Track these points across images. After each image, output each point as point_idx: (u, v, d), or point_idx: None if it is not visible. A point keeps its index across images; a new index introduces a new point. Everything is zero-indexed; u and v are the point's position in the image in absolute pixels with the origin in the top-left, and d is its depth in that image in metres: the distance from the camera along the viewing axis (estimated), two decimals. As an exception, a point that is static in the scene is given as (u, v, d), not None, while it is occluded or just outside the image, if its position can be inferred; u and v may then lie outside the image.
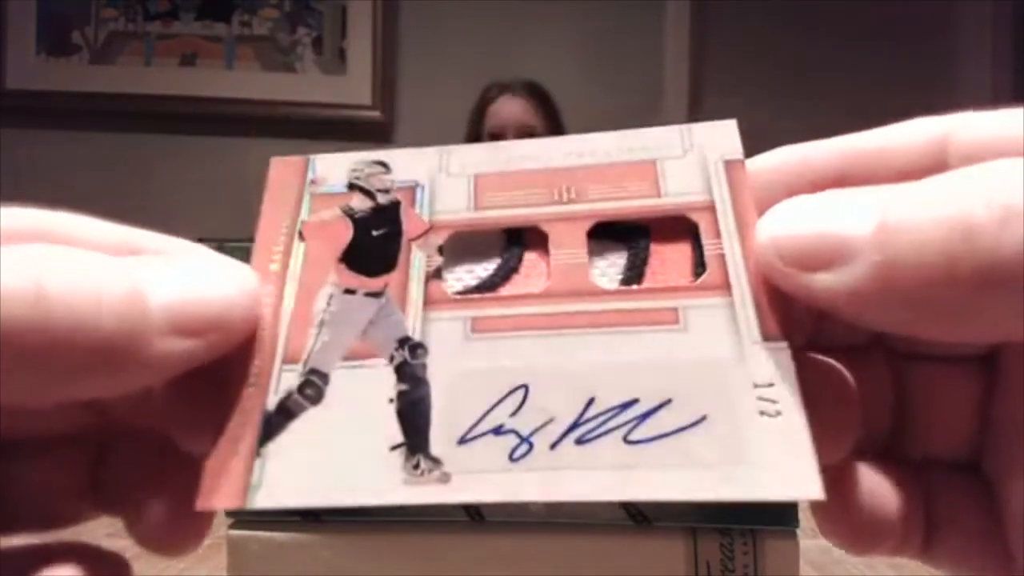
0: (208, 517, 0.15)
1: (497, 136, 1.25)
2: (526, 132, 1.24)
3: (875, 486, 0.16)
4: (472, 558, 0.15)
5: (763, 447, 0.13)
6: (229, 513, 0.16)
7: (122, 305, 0.12)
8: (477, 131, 1.28)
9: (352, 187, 0.18)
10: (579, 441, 0.14)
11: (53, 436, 0.16)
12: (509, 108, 1.27)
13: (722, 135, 0.17)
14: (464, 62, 1.60)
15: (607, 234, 0.17)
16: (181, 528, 0.15)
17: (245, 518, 0.15)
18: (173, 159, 1.57)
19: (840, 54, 1.64)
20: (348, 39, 1.62)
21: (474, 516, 0.15)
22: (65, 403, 0.13)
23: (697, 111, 1.63)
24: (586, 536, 0.15)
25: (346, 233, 0.17)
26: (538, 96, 1.29)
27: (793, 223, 0.14)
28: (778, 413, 0.14)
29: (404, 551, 0.15)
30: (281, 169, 0.18)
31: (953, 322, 0.12)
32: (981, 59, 1.68)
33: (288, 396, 0.15)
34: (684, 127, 0.18)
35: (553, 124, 1.28)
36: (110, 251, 0.14)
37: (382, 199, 0.18)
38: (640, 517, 0.15)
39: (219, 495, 0.14)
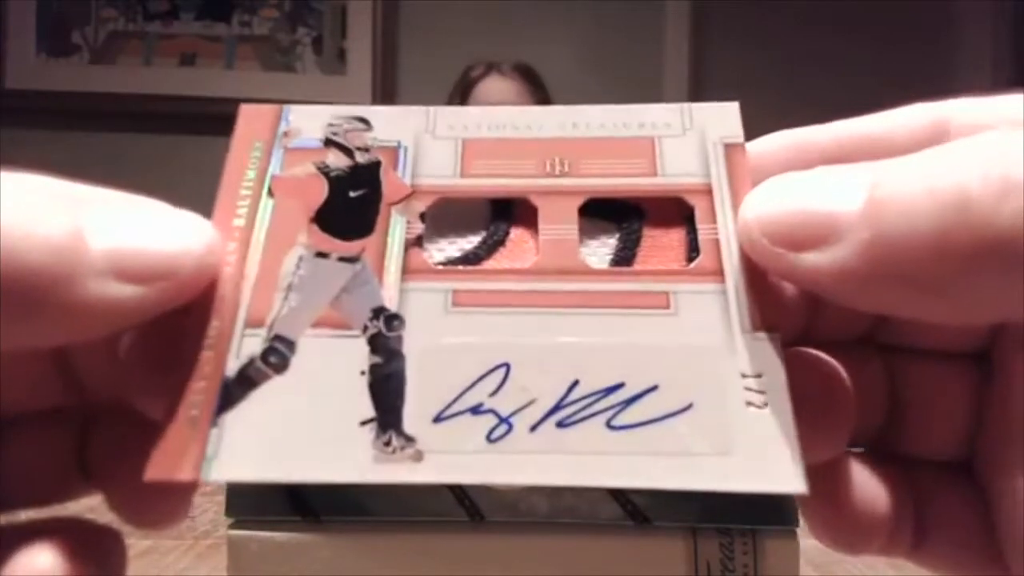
0: (188, 491, 0.15)
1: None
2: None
3: (864, 484, 0.15)
4: (472, 558, 0.15)
5: (748, 438, 0.13)
6: (228, 513, 0.16)
7: (58, 242, 0.12)
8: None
9: (328, 143, 0.17)
10: (561, 424, 0.13)
11: (35, 414, 0.15)
12: (499, 89, 1.16)
13: (723, 117, 0.17)
14: (464, 62, 1.60)
15: (600, 211, 0.17)
16: (157, 502, 0.15)
17: (244, 517, 0.15)
18: (173, 159, 1.57)
19: (840, 55, 1.64)
20: (348, 39, 1.61)
21: (474, 516, 0.15)
22: (9, 349, 0.13)
23: (697, 111, 1.63)
24: (586, 536, 0.15)
25: (320, 192, 0.16)
26: (531, 79, 1.18)
27: (780, 200, 0.14)
28: (764, 404, 0.13)
29: (404, 551, 0.15)
30: (251, 118, 0.17)
31: (946, 300, 0.12)
32: (981, 59, 1.68)
33: (250, 363, 0.14)
34: (685, 106, 0.17)
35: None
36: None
37: (361, 158, 0.16)
38: (640, 517, 0.15)
39: (170, 466, 0.13)
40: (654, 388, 0.14)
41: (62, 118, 1.56)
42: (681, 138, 0.16)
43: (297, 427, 0.13)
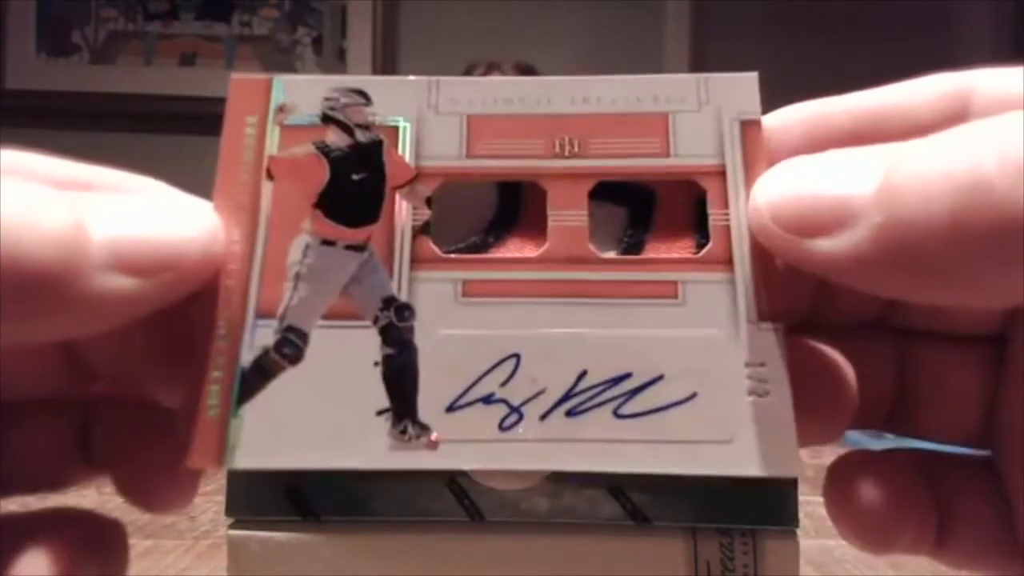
0: (195, 475, 0.15)
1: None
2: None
3: (886, 483, 0.15)
4: (472, 558, 0.15)
5: (749, 426, 0.14)
6: (228, 513, 0.16)
7: (60, 236, 0.12)
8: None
9: (327, 119, 0.16)
10: (570, 413, 0.14)
11: (41, 400, 0.15)
12: None
13: (741, 90, 0.16)
14: (464, 62, 1.60)
15: (610, 193, 0.16)
16: (167, 486, 0.15)
17: (244, 517, 0.15)
18: (173, 159, 1.57)
19: (840, 54, 1.64)
20: (348, 39, 1.61)
21: (474, 516, 0.15)
22: (12, 345, 0.12)
23: (697, 111, 1.63)
24: (586, 536, 0.15)
25: (321, 174, 0.15)
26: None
27: (791, 185, 0.13)
28: (767, 393, 0.14)
29: (404, 551, 0.15)
30: (242, 90, 0.16)
31: (962, 285, 0.11)
32: (981, 59, 1.68)
33: (264, 354, 0.14)
34: (701, 77, 0.16)
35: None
36: (67, 187, 0.13)
37: (361, 136, 0.16)
38: (640, 516, 0.15)
39: (196, 454, 0.14)
40: (660, 378, 0.14)
41: (62, 118, 1.56)
42: (696, 114, 0.16)
43: (315, 417, 0.14)
